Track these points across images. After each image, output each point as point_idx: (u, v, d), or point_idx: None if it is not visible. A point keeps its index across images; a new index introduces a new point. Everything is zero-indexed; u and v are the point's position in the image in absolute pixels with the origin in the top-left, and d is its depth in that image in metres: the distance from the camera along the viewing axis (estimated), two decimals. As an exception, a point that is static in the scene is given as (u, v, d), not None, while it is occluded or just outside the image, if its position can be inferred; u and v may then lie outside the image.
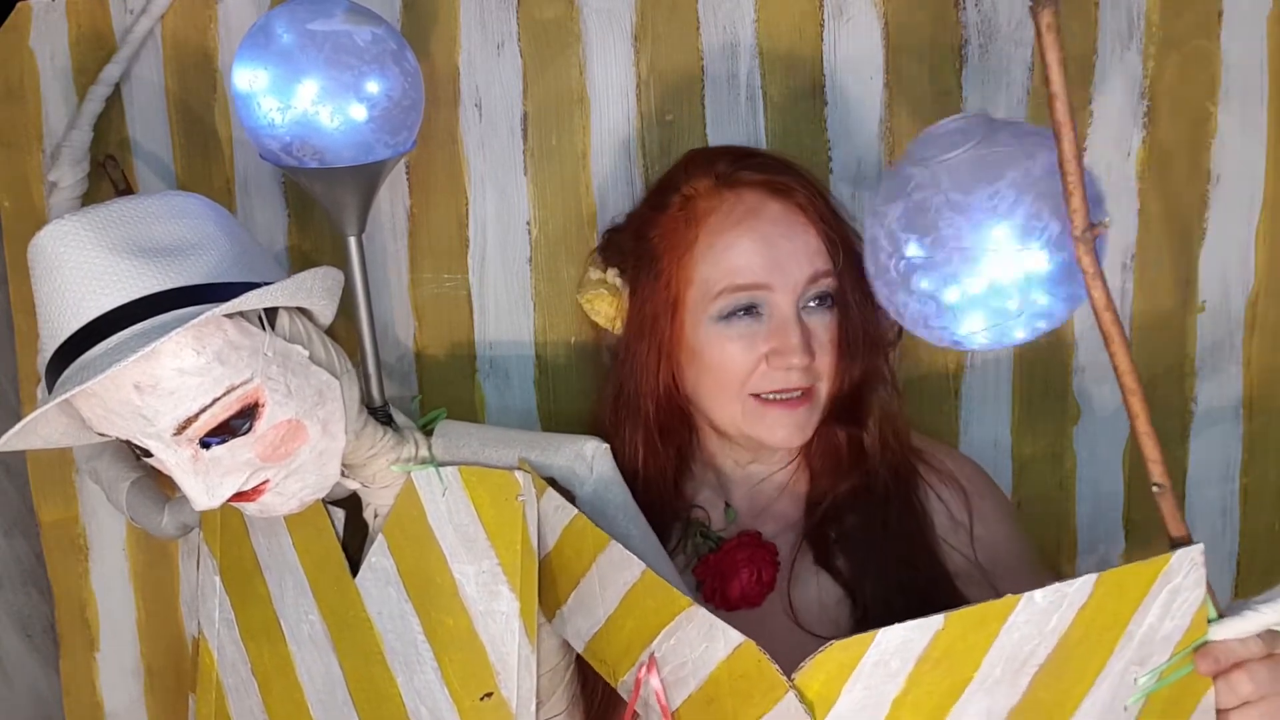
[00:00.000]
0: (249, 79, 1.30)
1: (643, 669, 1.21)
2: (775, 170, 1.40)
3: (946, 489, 1.45)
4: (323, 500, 1.40)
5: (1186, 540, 1.09)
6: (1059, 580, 1.08)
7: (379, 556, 1.38)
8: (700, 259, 1.38)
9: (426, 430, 1.42)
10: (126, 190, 1.54)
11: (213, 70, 1.58)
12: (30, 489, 1.67)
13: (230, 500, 1.23)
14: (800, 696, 1.06)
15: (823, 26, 1.56)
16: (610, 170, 1.60)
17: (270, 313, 1.22)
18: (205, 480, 1.20)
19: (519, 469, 1.33)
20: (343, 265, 1.36)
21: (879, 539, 1.41)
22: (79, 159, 1.51)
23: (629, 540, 1.33)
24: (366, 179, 1.35)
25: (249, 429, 1.20)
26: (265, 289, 1.16)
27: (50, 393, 1.16)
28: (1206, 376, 1.64)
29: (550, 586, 1.34)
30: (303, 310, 1.27)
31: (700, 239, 1.38)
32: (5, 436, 1.19)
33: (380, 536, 1.38)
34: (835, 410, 1.41)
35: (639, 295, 1.45)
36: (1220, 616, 1.10)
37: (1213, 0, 1.54)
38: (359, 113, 1.29)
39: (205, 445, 1.19)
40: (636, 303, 1.45)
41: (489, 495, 1.32)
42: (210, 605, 1.49)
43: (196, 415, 1.16)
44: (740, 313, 1.36)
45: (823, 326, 1.37)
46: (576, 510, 1.30)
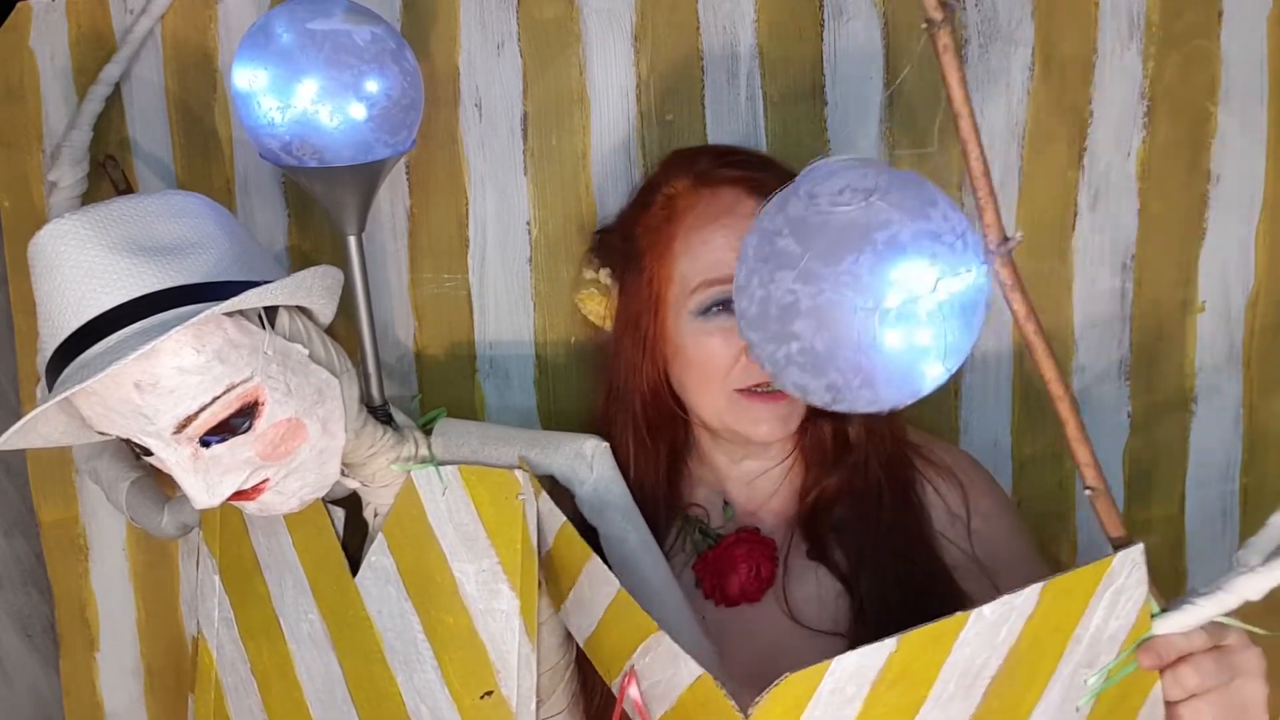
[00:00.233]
0: (249, 78, 1.30)
1: (626, 678, 1.22)
2: (753, 167, 1.41)
3: (944, 483, 1.45)
4: (322, 499, 1.40)
5: (1126, 541, 1.10)
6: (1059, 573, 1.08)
7: (379, 555, 1.38)
8: (679, 256, 1.38)
9: (426, 429, 1.42)
10: (126, 190, 1.54)
11: (213, 70, 1.58)
12: (30, 489, 1.67)
13: (230, 499, 1.23)
14: None
15: (823, 26, 1.56)
16: (610, 170, 1.59)
17: (270, 311, 1.22)
18: (205, 479, 1.20)
19: (519, 468, 1.33)
20: (343, 264, 1.36)
21: (874, 532, 1.41)
22: (79, 159, 1.51)
23: (625, 542, 1.34)
24: (366, 178, 1.35)
25: (249, 427, 1.20)
26: (265, 287, 1.16)
27: (50, 391, 1.16)
28: (1206, 376, 1.64)
29: (554, 581, 1.35)
30: (303, 309, 1.27)
31: (678, 236, 1.39)
32: (5, 435, 1.19)
33: (380, 535, 1.38)
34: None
35: (625, 293, 1.46)
36: (1164, 611, 1.10)
37: (1213, 0, 1.54)
38: (358, 112, 1.29)
39: (205, 444, 1.19)
40: (623, 301, 1.46)
41: (489, 494, 1.32)
42: (209, 604, 1.49)
43: (196, 414, 1.16)
44: (718, 307, 1.36)
45: None
46: (565, 519, 1.31)
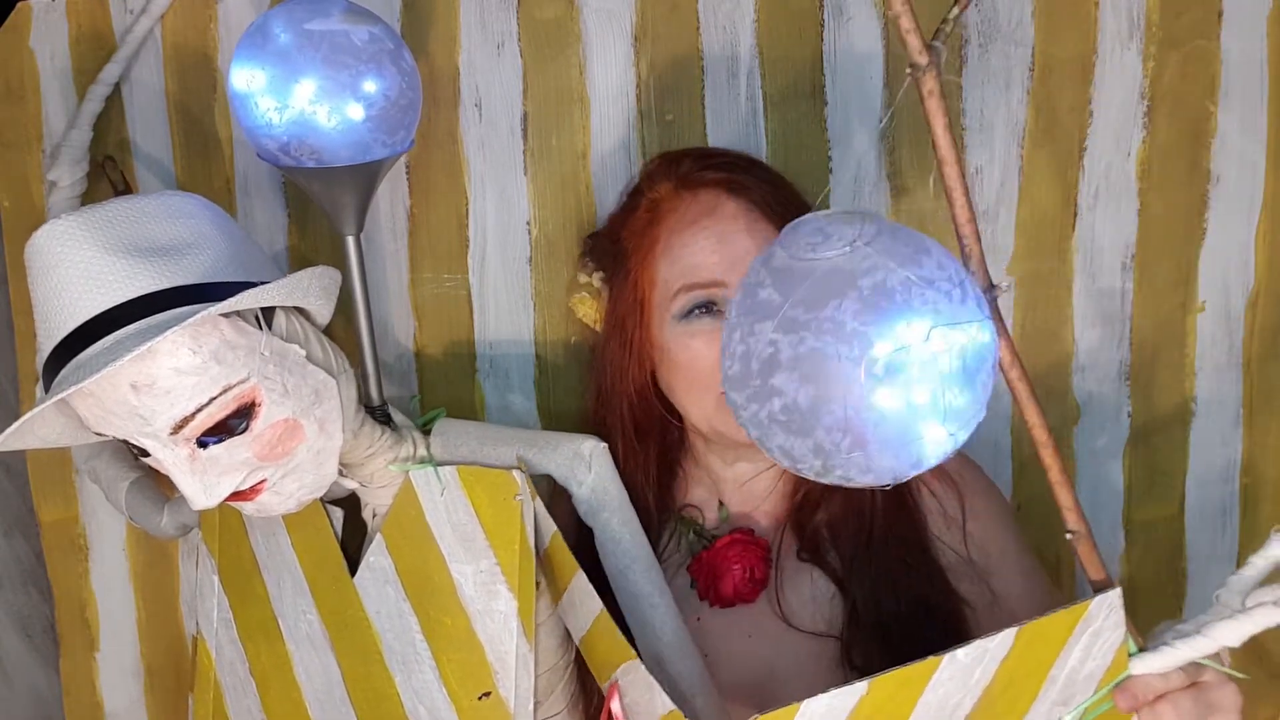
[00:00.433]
0: (246, 79, 1.30)
1: (611, 688, 1.23)
2: (735, 169, 1.41)
3: (939, 484, 1.45)
4: (321, 500, 1.40)
5: (1106, 584, 1.09)
6: (1051, 585, 1.08)
7: (377, 556, 1.38)
8: (661, 259, 1.38)
9: (425, 430, 1.42)
10: (125, 191, 1.54)
11: (212, 71, 1.58)
12: (30, 489, 1.67)
13: (228, 500, 1.23)
14: None
15: (823, 26, 1.56)
16: (610, 170, 1.59)
17: (267, 312, 1.22)
18: (202, 479, 1.20)
19: (517, 468, 1.33)
20: (342, 265, 1.36)
21: (866, 534, 1.41)
22: (78, 159, 1.52)
23: (619, 544, 1.34)
24: (364, 178, 1.35)
25: (246, 428, 1.20)
26: (261, 288, 1.16)
27: (47, 393, 1.16)
28: (1206, 376, 1.63)
29: (552, 580, 1.35)
30: (300, 310, 1.27)
31: (660, 240, 1.39)
32: (2, 436, 1.19)
33: (378, 536, 1.38)
34: None
35: (612, 297, 1.46)
36: (1141, 650, 1.10)
37: (1213, 0, 1.54)
38: (356, 112, 1.29)
39: (202, 444, 1.19)
40: (611, 304, 1.47)
41: (487, 495, 1.33)
42: (209, 605, 1.49)
43: (193, 414, 1.16)
44: (700, 310, 1.36)
45: None
46: (555, 529, 1.32)
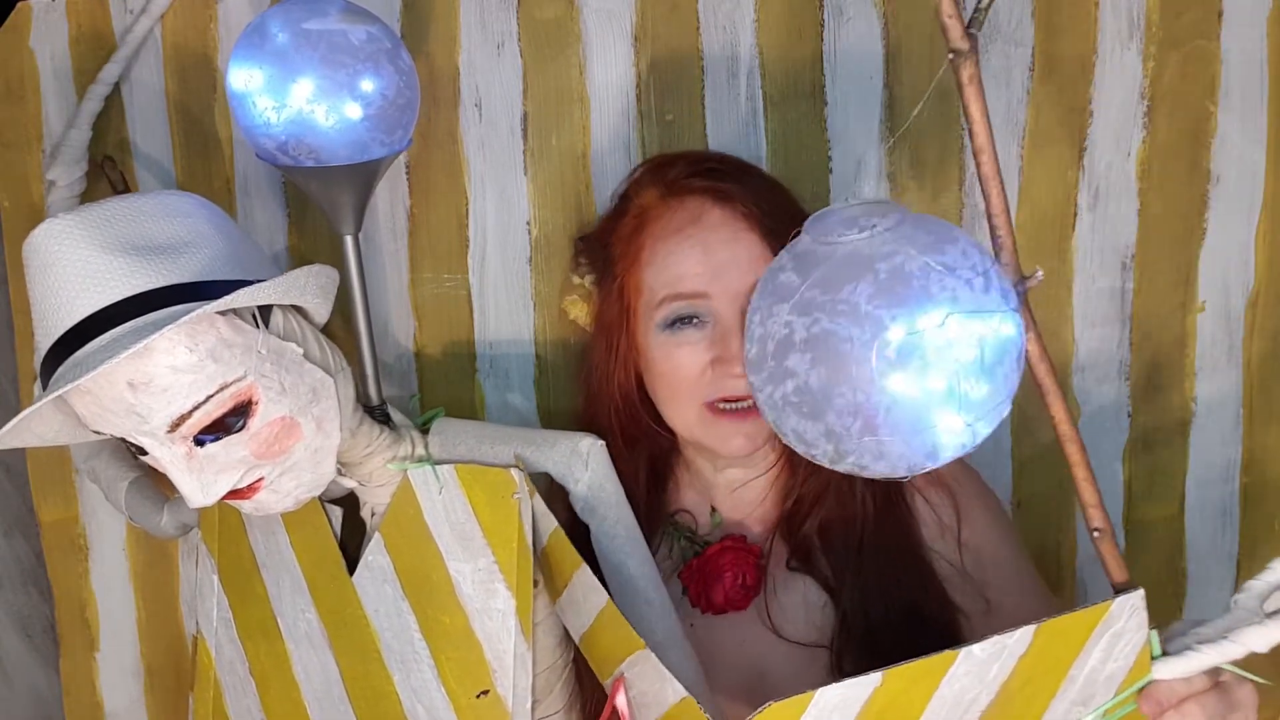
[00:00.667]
0: (244, 78, 1.30)
1: (616, 682, 1.22)
2: (722, 177, 1.40)
3: (934, 491, 1.44)
4: (320, 499, 1.40)
5: (1128, 585, 1.08)
6: (1049, 593, 1.07)
7: (375, 554, 1.38)
8: (646, 267, 1.38)
9: (424, 429, 1.42)
10: (125, 191, 1.54)
11: (212, 71, 1.58)
12: (30, 489, 1.67)
13: (225, 498, 1.23)
14: None
15: (823, 26, 1.56)
16: (610, 170, 1.59)
17: (265, 311, 1.22)
18: (199, 478, 1.20)
19: (515, 466, 1.33)
20: (341, 265, 1.37)
21: (856, 542, 1.40)
22: (77, 158, 1.52)
23: (615, 540, 1.34)
24: (362, 178, 1.35)
25: (243, 426, 1.20)
26: (257, 286, 1.16)
27: (44, 390, 1.16)
28: (1206, 376, 1.63)
29: (550, 581, 1.35)
30: (298, 309, 1.28)
31: (646, 247, 1.39)
32: (0, 434, 1.19)
33: (377, 534, 1.38)
34: None
35: (600, 301, 1.47)
36: (1164, 654, 1.09)
37: (1213, 0, 1.54)
38: (354, 111, 1.29)
39: (199, 443, 1.19)
40: (598, 308, 1.47)
41: (485, 493, 1.33)
42: (208, 604, 1.49)
43: (190, 412, 1.16)
44: (682, 322, 1.36)
45: None
46: (556, 524, 1.31)
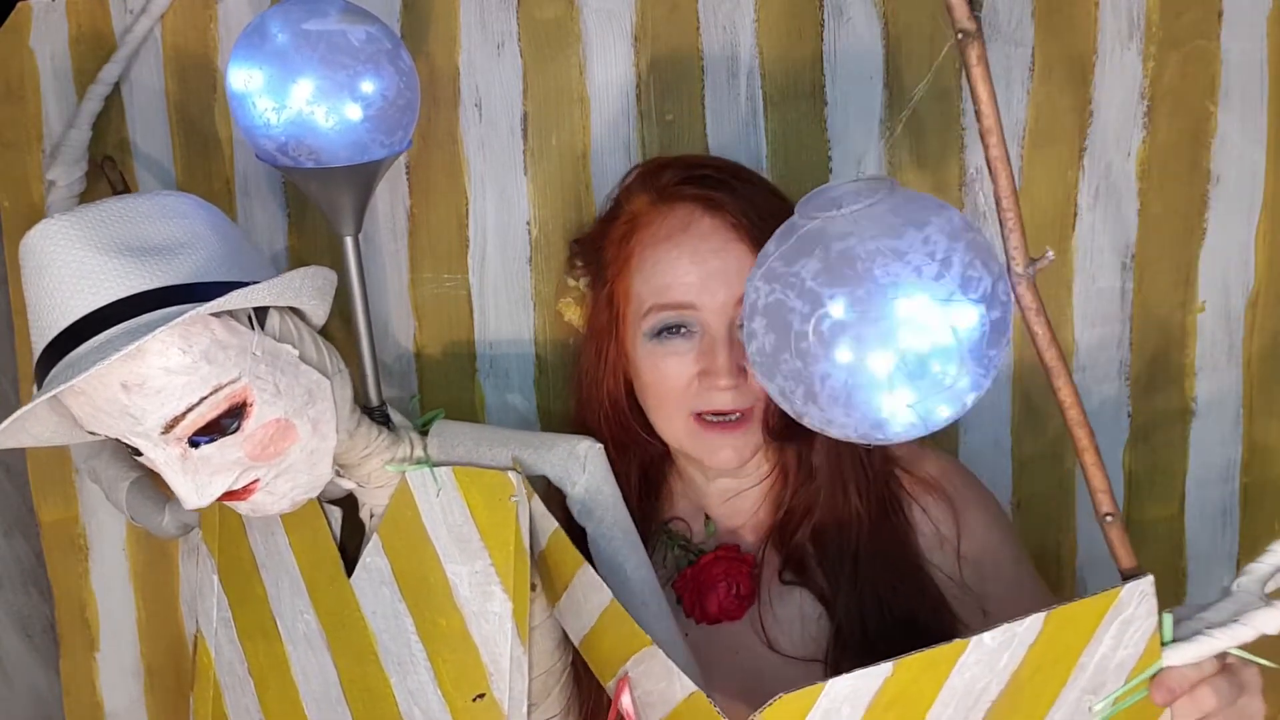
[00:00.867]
0: (244, 79, 1.30)
1: (620, 683, 1.21)
2: (714, 185, 1.38)
3: (932, 500, 1.43)
4: (320, 500, 1.40)
5: (1137, 571, 1.08)
6: (1051, 598, 1.07)
7: (373, 556, 1.38)
8: (635, 274, 1.38)
9: (425, 430, 1.42)
10: (124, 191, 1.54)
11: (212, 71, 1.58)
12: (30, 489, 1.67)
13: (221, 499, 1.23)
14: None
15: (823, 26, 1.56)
16: (610, 170, 1.59)
17: (261, 312, 1.22)
18: (194, 479, 1.20)
19: (512, 469, 1.33)
20: (341, 266, 1.37)
21: (851, 552, 1.39)
22: (77, 158, 1.52)
23: (612, 543, 1.33)
24: (362, 179, 1.35)
25: (237, 428, 1.20)
26: (250, 288, 1.16)
27: (39, 391, 1.16)
28: (1206, 376, 1.63)
29: (549, 583, 1.35)
30: (296, 310, 1.28)
31: (635, 254, 1.38)
32: None
33: (375, 536, 1.38)
34: (780, 427, 1.37)
35: (591, 307, 1.46)
36: (1175, 640, 1.09)
37: (1213, 0, 1.54)
38: (354, 112, 1.29)
39: (194, 444, 1.19)
40: (590, 313, 1.47)
41: (482, 496, 1.32)
42: (208, 604, 1.49)
43: (184, 414, 1.16)
44: (669, 331, 1.35)
45: None
46: (556, 524, 1.30)
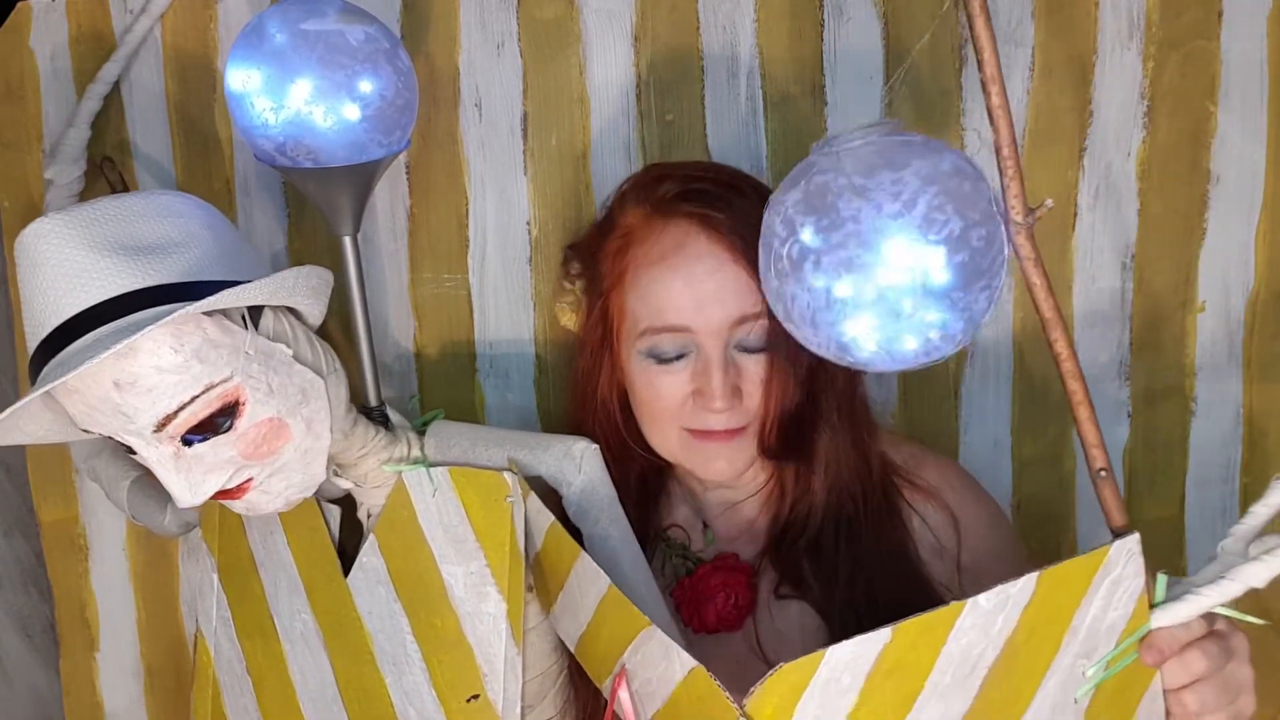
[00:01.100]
0: (242, 79, 1.30)
1: (616, 679, 1.21)
2: (710, 200, 1.34)
3: (931, 509, 1.43)
4: (318, 499, 1.40)
5: (1126, 530, 1.10)
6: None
7: (370, 556, 1.38)
8: (629, 291, 1.36)
9: (424, 430, 1.42)
10: (124, 192, 1.54)
11: (212, 71, 1.58)
12: (30, 489, 1.67)
13: (215, 498, 1.23)
14: None
15: (823, 26, 1.56)
16: (610, 170, 1.59)
17: (255, 312, 1.22)
18: (187, 478, 1.20)
19: (508, 470, 1.33)
20: (340, 266, 1.37)
21: (849, 563, 1.38)
22: (76, 157, 1.52)
23: (608, 542, 1.33)
24: (361, 179, 1.35)
25: (230, 427, 1.19)
26: (242, 287, 1.16)
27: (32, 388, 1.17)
28: (1206, 376, 1.63)
29: (544, 586, 1.35)
30: (292, 310, 1.28)
31: (629, 270, 1.37)
32: None
33: (371, 536, 1.38)
34: (777, 447, 1.36)
35: (586, 317, 1.45)
36: (1164, 601, 1.10)
37: (1213, 0, 1.54)
38: (352, 112, 1.29)
39: (187, 442, 1.19)
40: (584, 325, 1.46)
41: (478, 496, 1.32)
42: (208, 603, 1.50)
43: (176, 413, 1.16)
44: (664, 354, 1.34)
45: (755, 365, 1.33)
46: (553, 518, 1.30)
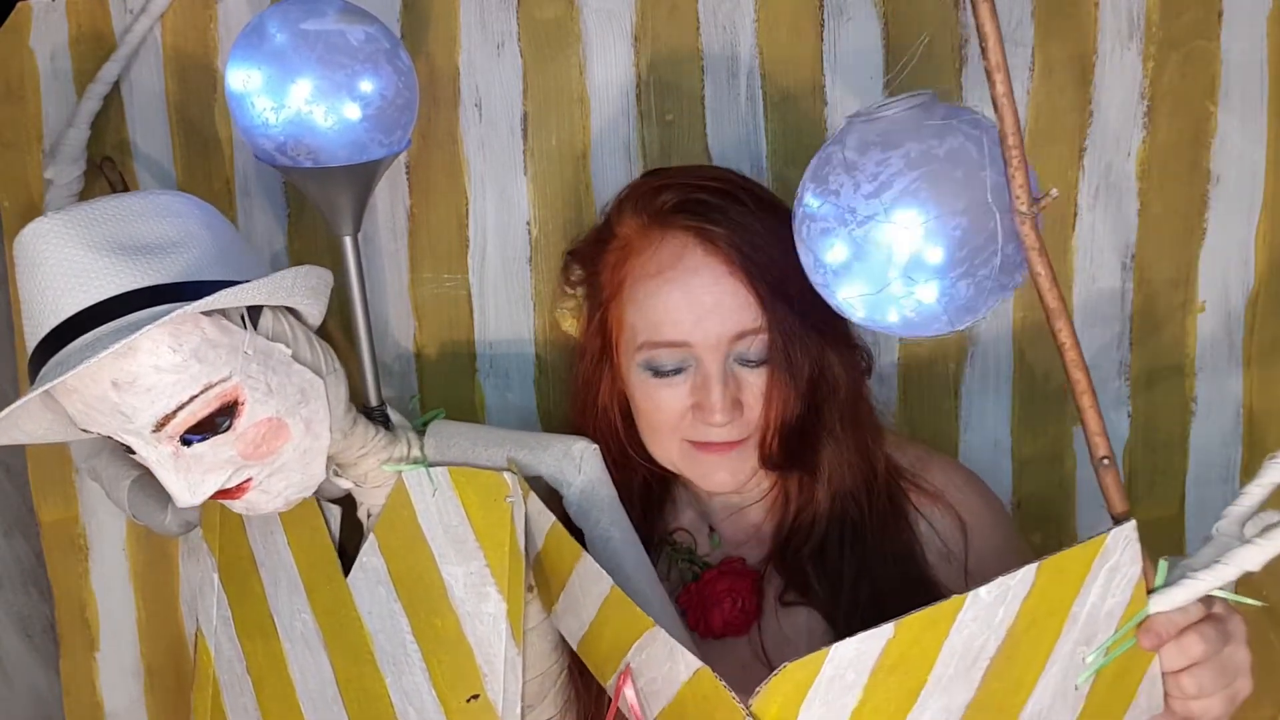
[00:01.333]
0: (243, 79, 1.30)
1: (621, 678, 1.21)
2: (708, 213, 1.33)
3: (938, 512, 1.42)
4: (319, 499, 1.40)
5: (1125, 517, 1.11)
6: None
7: (370, 556, 1.38)
8: (627, 304, 1.36)
9: (424, 430, 1.42)
10: (124, 191, 1.54)
11: (212, 71, 1.58)
12: (30, 489, 1.67)
13: (214, 498, 1.23)
14: None
15: (823, 26, 1.56)
16: (610, 170, 1.59)
17: (254, 312, 1.22)
18: (187, 477, 1.20)
19: (508, 470, 1.33)
20: (340, 266, 1.37)
21: (854, 568, 1.38)
22: (75, 157, 1.52)
23: (610, 543, 1.33)
24: (361, 179, 1.35)
25: (229, 426, 1.20)
26: (240, 287, 1.16)
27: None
28: (1206, 376, 1.63)
29: (545, 585, 1.35)
30: (291, 310, 1.28)
31: (627, 282, 1.36)
32: None
33: (371, 536, 1.38)
34: (779, 459, 1.36)
35: (585, 326, 1.45)
36: (1161, 587, 1.11)
37: (1213, 0, 1.54)
38: (353, 112, 1.29)
39: (186, 442, 1.19)
40: (583, 335, 1.46)
41: (478, 496, 1.32)
42: (209, 602, 1.50)
43: (174, 412, 1.16)
44: (664, 368, 1.33)
45: (755, 377, 1.32)
46: (554, 519, 1.30)
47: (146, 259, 1.16)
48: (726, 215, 1.33)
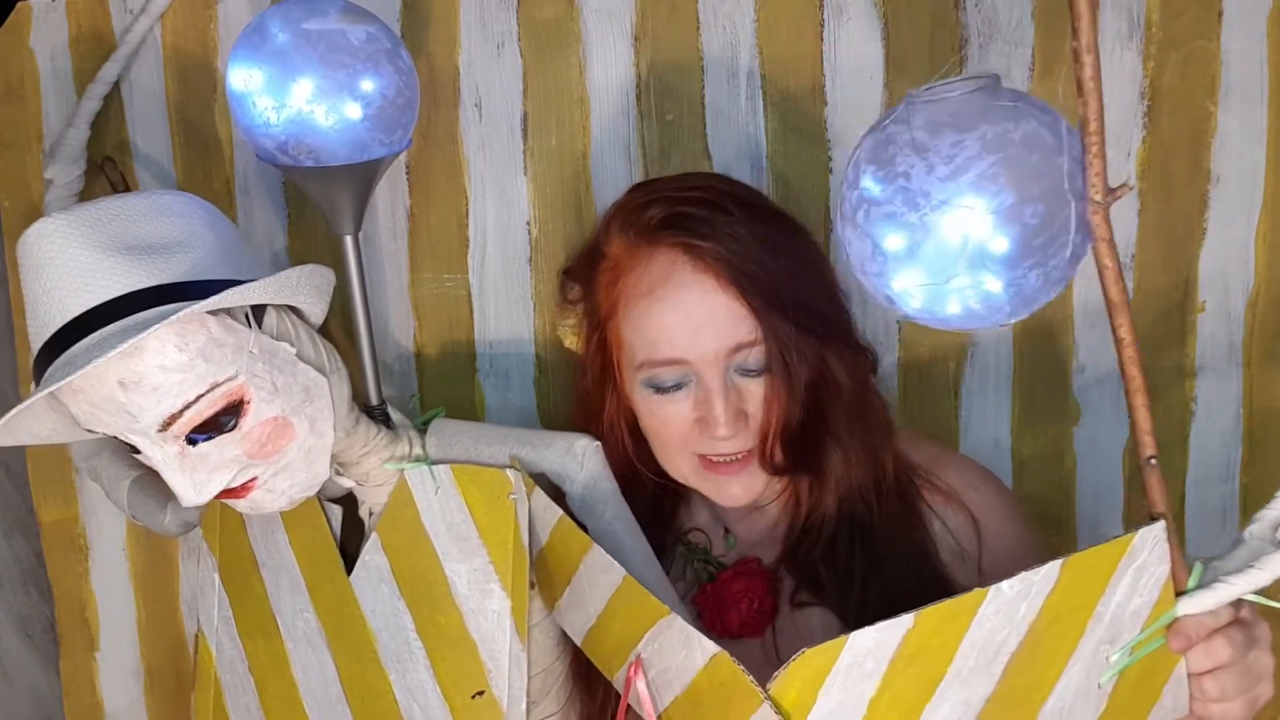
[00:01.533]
0: (244, 78, 1.30)
1: (631, 669, 1.21)
2: (694, 226, 1.31)
3: (951, 511, 1.41)
4: (320, 498, 1.40)
5: (1166, 516, 1.10)
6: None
7: (372, 554, 1.38)
8: (623, 322, 1.35)
9: (424, 429, 1.42)
10: (125, 191, 1.54)
11: (212, 71, 1.58)
12: (30, 489, 1.67)
13: (220, 497, 1.23)
14: (775, 706, 1.06)
15: (823, 26, 1.56)
16: (610, 170, 1.59)
17: (258, 311, 1.23)
18: (192, 477, 1.20)
19: (511, 467, 1.33)
20: (341, 265, 1.37)
21: (865, 568, 1.37)
22: (75, 157, 1.52)
23: (614, 536, 1.33)
24: (362, 178, 1.35)
25: (235, 426, 1.20)
26: (245, 286, 1.17)
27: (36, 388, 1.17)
28: (1206, 376, 1.63)
29: (547, 582, 1.35)
30: (294, 309, 1.28)
31: (620, 302, 1.35)
32: None
33: (374, 534, 1.38)
34: (782, 463, 1.35)
35: (585, 344, 1.45)
36: (1192, 589, 1.11)
37: (1213, 0, 1.54)
38: (354, 111, 1.29)
39: (192, 441, 1.19)
40: (584, 353, 1.46)
41: (481, 493, 1.32)
42: (209, 602, 1.50)
43: (180, 411, 1.17)
44: (665, 385, 1.33)
45: (757, 386, 1.32)
46: (561, 512, 1.30)
47: (151, 259, 1.16)
48: (714, 227, 1.31)
